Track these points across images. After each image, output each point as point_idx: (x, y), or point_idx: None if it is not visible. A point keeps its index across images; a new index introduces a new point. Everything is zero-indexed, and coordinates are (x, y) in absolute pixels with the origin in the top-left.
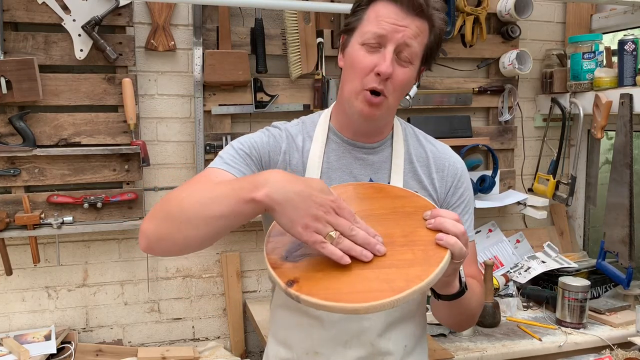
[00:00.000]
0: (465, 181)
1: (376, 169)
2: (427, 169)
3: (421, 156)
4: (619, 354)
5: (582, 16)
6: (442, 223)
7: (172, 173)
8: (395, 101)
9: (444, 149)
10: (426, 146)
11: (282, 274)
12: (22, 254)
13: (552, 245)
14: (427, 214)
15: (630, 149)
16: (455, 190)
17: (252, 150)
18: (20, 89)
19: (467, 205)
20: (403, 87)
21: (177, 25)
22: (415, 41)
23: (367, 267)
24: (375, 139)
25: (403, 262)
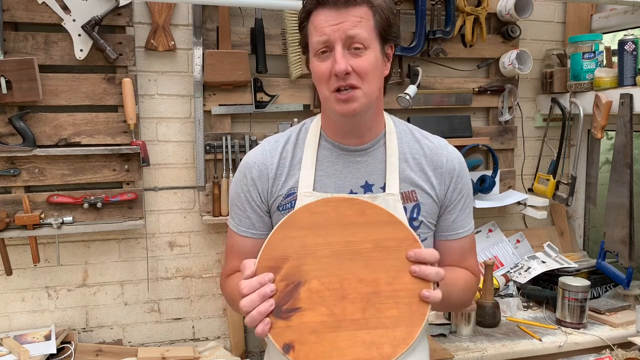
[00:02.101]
0: (464, 175)
1: (371, 170)
2: (423, 166)
3: (417, 153)
4: (619, 354)
5: (582, 16)
6: (427, 274)
7: (172, 173)
8: (371, 89)
9: (441, 144)
10: (422, 142)
11: (277, 335)
12: (22, 254)
13: (552, 245)
14: (411, 255)
15: (630, 149)
16: (455, 186)
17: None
18: (20, 89)
19: (467, 198)
20: (370, 72)
21: (177, 25)
22: (358, 28)
23: (358, 327)
24: (366, 139)
25: (390, 320)
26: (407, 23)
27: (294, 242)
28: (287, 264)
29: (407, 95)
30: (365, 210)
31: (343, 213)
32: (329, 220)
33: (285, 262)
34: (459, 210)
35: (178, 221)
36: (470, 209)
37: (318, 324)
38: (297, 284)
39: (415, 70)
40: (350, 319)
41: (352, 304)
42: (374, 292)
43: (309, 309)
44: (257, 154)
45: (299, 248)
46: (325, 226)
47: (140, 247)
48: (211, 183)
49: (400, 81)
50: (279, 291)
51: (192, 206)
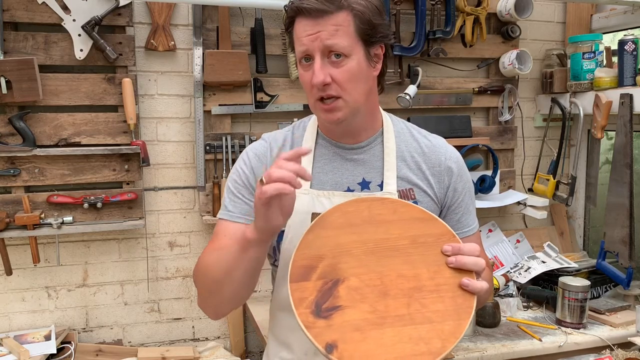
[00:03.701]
0: (463, 174)
1: (368, 168)
2: (421, 165)
3: (415, 151)
4: (619, 354)
5: (582, 16)
6: (465, 263)
7: (172, 173)
8: (355, 96)
9: (439, 143)
10: (420, 140)
11: (319, 335)
12: (22, 254)
13: (552, 245)
14: (447, 249)
15: (630, 149)
16: (455, 186)
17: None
18: (20, 89)
19: (468, 197)
20: (352, 81)
21: (177, 25)
22: (336, 38)
23: (403, 323)
24: (360, 138)
25: (436, 314)
26: (407, 23)
27: (327, 241)
28: (323, 262)
29: (407, 95)
30: (397, 208)
31: (375, 212)
32: (361, 219)
33: (320, 261)
34: (463, 210)
35: (178, 221)
36: (473, 206)
37: (361, 321)
38: (335, 281)
39: (415, 70)
40: (394, 315)
41: (395, 300)
42: (416, 287)
43: (350, 306)
44: (258, 145)
45: (333, 247)
46: (358, 225)
47: (140, 247)
48: (211, 183)
49: (400, 81)
50: (317, 290)
51: (192, 206)
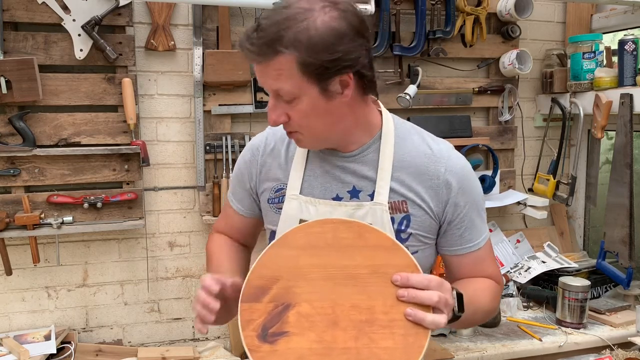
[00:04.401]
0: (468, 187)
1: (359, 177)
2: (417, 176)
3: (414, 160)
4: (619, 354)
5: (582, 16)
6: (416, 297)
7: (172, 173)
8: (315, 132)
9: (441, 152)
10: (420, 148)
11: (262, 359)
12: (22, 254)
13: (552, 245)
14: (396, 279)
15: (630, 149)
16: (456, 201)
17: (237, 177)
18: (20, 89)
19: (473, 212)
20: (305, 120)
21: (177, 25)
22: (280, 82)
23: (348, 357)
24: (350, 148)
25: (384, 352)
26: (407, 23)
27: (286, 262)
28: (278, 284)
29: (407, 95)
30: (364, 234)
31: (340, 235)
32: (325, 241)
33: (275, 282)
34: (466, 225)
35: (178, 221)
36: (480, 220)
37: (306, 350)
38: (286, 306)
39: (415, 70)
40: (341, 348)
41: (344, 332)
42: (368, 321)
43: (297, 333)
44: (256, 139)
45: (291, 268)
46: (320, 247)
47: (140, 247)
48: (211, 183)
49: (400, 81)
50: (267, 313)
51: (192, 206)
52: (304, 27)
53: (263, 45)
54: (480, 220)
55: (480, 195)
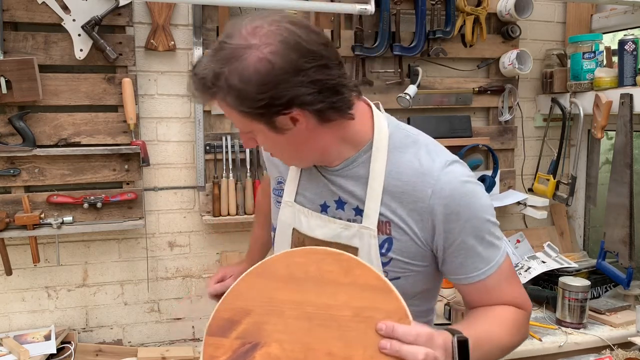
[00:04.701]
0: (461, 211)
1: (344, 191)
2: (402, 196)
3: (402, 176)
4: (619, 354)
5: (582, 16)
6: (399, 351)
7: (172, 173)
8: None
9: (430, 169)
10: (410, 162)
11: None
12: (22, 254)
13: (552, 245)
14: (381, 327)
15: (630, 149)
16: (447, 227)
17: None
18: (20, 89)
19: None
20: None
21: (177, 25)
22: (229, 117)
23: None
24: (333, 163)
25: None
26: (407, 23)
27: (262, 293)
28: (248, 318)
29: (407, 95)
30: (352, 269)
31: (325, 268)
32: (307, 274)
33: (246, 317)
34: (465, 252)
35: (178, 221)
36: (485, 246)
37: None
38: (254, 345)
39: (415, 70)
40: None
41: None
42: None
43: None
44: None
45: (265, 302)
46: (302, 281)
47: (140, 247)
48: (211, 183)
49: (400, 81)
50: (232, 351)
51: (192, 206)
52: (236, 68)
53: (199, 88)
54: (484, 246)
55: (482, 219)
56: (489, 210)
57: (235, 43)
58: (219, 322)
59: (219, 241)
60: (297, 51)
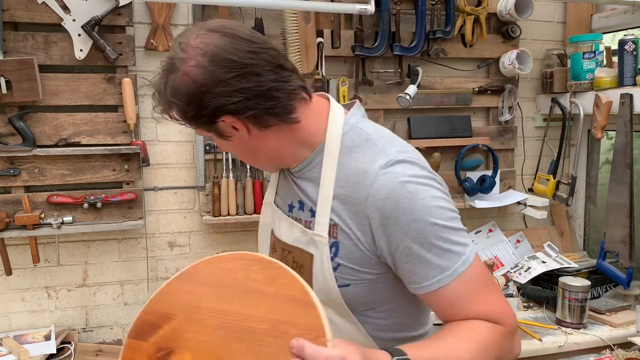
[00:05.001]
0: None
1: (305, 194)
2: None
3: (347, 180)
4: (619, 354)
5: (582, 16)
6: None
7: (172, 173)
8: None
9: (371, 171)
10: (358, 164)
11: None
12: (22, 254)
13: (552, 245)
14: (293, 345)
15: (630, 149)
16: (387, 234)
17: None
18: (20, 89)
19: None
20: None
21: (177, 25)
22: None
23: None
24: (292, 165)
25: None
26: (407, 23)
27: (187, 299)
28: (170, 324)
29: (407, 95)
30: (277, 279)
31: (251, 276)
32: (233, 281)
33: (168, 322)
34: (413, 260)
35: (178, 221)
36: (435, 252)
37: None
38: (168, 352)
39: (415, 70)
40: None
41: None
42: None
43: None
44: None
45: (189, 309)
46: (227, 288)
47: (140, 247)
48: (211, 183)
49: (400, 81)
50: (147, 356)
51: (192, 206)
52: (170, 83)
53: (155, 101)
54: (434, 252)
55: (425, 222)
56: (435, 212)
57: (170, 58)
58: (142, 325)
59: (219, 241)
60: (216, 63)
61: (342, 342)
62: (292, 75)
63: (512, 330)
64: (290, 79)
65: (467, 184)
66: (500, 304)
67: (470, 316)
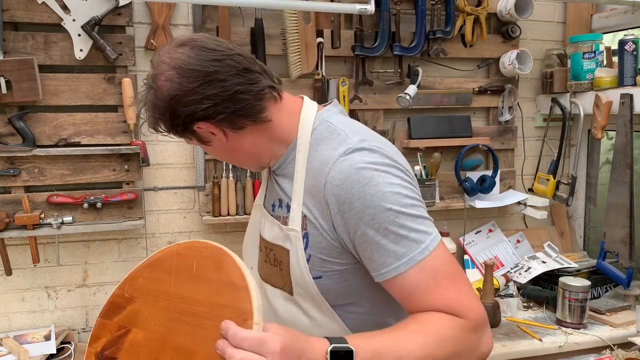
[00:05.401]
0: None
1: (282, 190)
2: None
3: (313, 171)
4: (620, 354)
5: (582, 16)
6: (223, 351)
7: (171, 173)
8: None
9: (330, 159)
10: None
11: None
12: (22, 254)
13: (552, 245)
14: (223, 327)
15: (630, 149)
16: (343, 217)
17: None
18: (20, 89)
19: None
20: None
21: (177, 25)
22: None
23: None
24: (272, 163)
25: None
26: (407, 23)
27: (148, 284)
28: (131, 306)
29: (407, 95)
30: (222, 265)
31: (202, 263)
32: (187, 267)
33: (130, 304)
34: (371, 247)
35: (178, 221)
36: (391, 239)
37: None
38: (127, 331)
39: (415, 70)
40: None
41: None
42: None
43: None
44: None
45: (147, 292)
46: (181, 273)
47: (140, 247)
48: (211, 183)
49: (400, 81)
50: (110, 334)
51: (192, 206)
52: (149, 96)
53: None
54: (390, 239)
55: (380, 207)
56: (390, 197)
57: (148, 75)
58: (110, 306)
59: (219, 241)
60: (182, 74)
61: (275, 326)
62: (259, 76)
63: (476, 324)
64: (258, 81)
65: (467, 184)
66: (464, 296)
67: (431, 307)
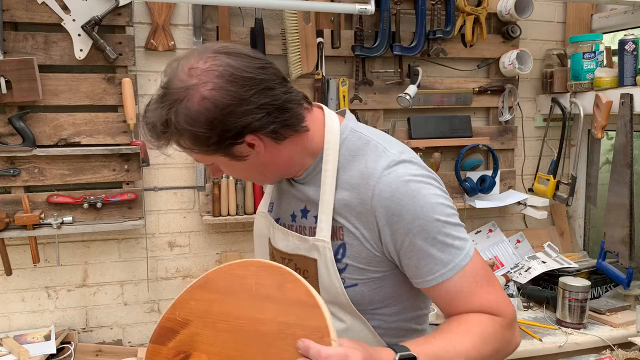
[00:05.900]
0: (405, 214)
1: (307, 198)
2: (350, 200)
3: (351, 183)
4: (620, 354)
5: (582, 16)
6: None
7: (172, 173)
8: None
9: (372, 171)
10: (355, 166)
11: None
12: (22, 254)
13: (552, 245)
14: (300, 346)
15: (630, 149)
16: (392, 228)
17: None
18: (20, 89)
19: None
20: (235, 174)
21: (177, 25)
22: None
23: None
24: (298, 173)
25: None
26: (407, 23)
27: (200, 306)
28: (186, 329)
29: (407, 95)
30: (284, 284)
31: (261, 282)
32: (243, 287)
33: (184, 327)
34: (418, 256)
35: (178, 221)
36: (439, 247)
37: None
38: (186, 355)
39: (415, 70)
40: None
41: None
42: None
43: None
44: None
45: (202, 314)
46: (237, 294)
47: (140, 247)
48: (211, 183)
49: (400, 81)
50: (168, 358)
51: (192, 206)
52: (182, 111)
53: (153, 136)
54: (438, 247)
55: (428, 218)
56: (437, 208)
57: (176, 87)
58: (161, 331)
59: (219, 241)
60: (235, 83)
61: (348, 341)
62: (292, 86)
63: (510, 321)
64: (293, 90)
65: (467, 184)
66: (498, 295)
67: (472, 309)
